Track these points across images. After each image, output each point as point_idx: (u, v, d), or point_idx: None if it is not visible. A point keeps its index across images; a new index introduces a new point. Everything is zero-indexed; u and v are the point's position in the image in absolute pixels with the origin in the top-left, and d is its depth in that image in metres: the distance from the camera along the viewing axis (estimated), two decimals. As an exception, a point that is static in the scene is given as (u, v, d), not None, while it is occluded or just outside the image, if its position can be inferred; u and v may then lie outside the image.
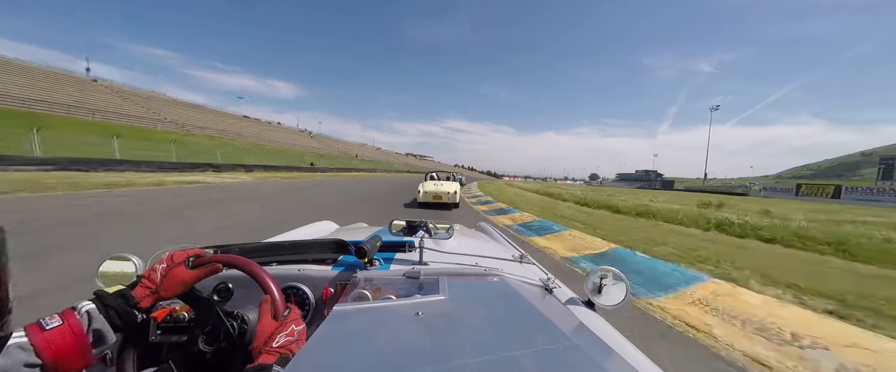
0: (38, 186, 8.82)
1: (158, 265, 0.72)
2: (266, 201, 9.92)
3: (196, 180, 14.60)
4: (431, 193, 10.22)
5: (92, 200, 7.80)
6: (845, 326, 2.63)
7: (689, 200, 15.78)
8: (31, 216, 5.56)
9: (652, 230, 7.20)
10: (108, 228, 5.32)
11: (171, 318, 0.81)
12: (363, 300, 0.77)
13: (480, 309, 0.76)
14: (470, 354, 0.54)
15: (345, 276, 1.01)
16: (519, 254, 1.47)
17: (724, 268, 4.16)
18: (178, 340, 0.79)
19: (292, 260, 1.08)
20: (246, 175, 21.74)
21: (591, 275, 1.02)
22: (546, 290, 1.04)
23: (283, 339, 0.61)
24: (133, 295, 0.67)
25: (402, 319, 0.67)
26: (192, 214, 6.99)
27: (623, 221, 8.79)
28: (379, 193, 14.67)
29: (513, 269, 1.14)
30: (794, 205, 18.46)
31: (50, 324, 0.55)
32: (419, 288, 0.85)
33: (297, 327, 0.65)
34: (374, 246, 1.06)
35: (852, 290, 3.37)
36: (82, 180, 10.80)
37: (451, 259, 1.16)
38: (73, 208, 6.64)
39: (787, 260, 4.93)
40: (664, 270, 4.06)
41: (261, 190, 13.17)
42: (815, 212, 12.50)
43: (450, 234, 1.40)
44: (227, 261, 0.76)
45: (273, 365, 0.56)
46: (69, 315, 0.58)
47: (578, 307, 0.98)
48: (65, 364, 0.54)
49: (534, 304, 0.79)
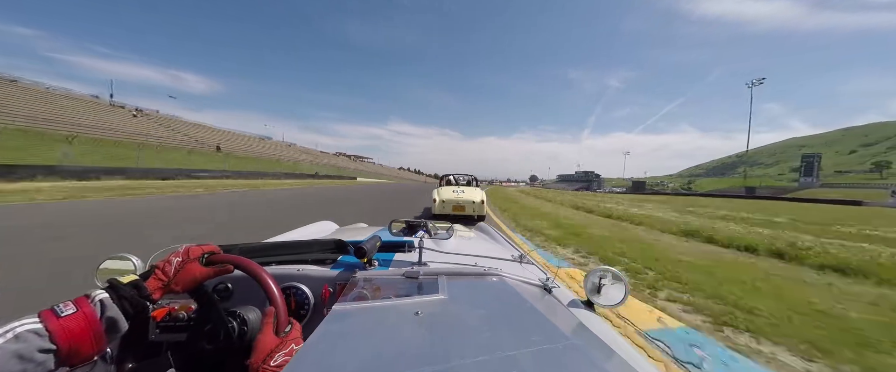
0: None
1: (174, 258, 0.73)
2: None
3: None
4: (450, 202, 8.17)
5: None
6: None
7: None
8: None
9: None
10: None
11: (170, 317, 0.84)
12: (362, 300, 0.77)
13: (480, 309, 0.75)
14: (469, 353, 0.54)
15: (344, 276, 1.01)
16: (518, 254, 1.46)
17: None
18: (177, 339, 0.80)
19: (292, 260, 1.08)
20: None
21: (591, 275, 1.03)
22: (545, 290, 1.04)
23: (281, 358, 0.61)
24: (146, 286, 0.67)
25: (402, 319, 0.66)
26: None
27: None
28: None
29: (512, 269, 1.14)
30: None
31: (64, 311, 0.56)
32: (418, 288, 0.84)
33: (297, 347, 0.65)
34: (373, 246, 1.05)
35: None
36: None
37: (451, 259, 1.16)
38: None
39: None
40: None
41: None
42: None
43: (449, 234, 1.43)
44: (239, 264, 0.76)
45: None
46: (83, 303, 0.58)
47: (578, 307, 0.98)
48: (79, 350, 0.55)
49: (533, 303, 0.79)
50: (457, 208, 8.10)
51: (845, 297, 3.54)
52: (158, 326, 0.83)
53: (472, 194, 8.38)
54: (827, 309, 3.10)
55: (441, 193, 8.47)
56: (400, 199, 16.48)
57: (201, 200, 11.67)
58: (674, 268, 4.30)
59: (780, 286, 3.81)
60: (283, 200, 13.19)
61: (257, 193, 15.67)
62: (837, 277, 4.32)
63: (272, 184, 25.34)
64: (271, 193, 16.67)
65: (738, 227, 8.90)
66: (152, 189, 13.85)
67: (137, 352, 0.83)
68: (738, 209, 17.25)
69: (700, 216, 12.21)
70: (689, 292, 3.40)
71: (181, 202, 10.44)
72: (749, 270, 4.50)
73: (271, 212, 9.39)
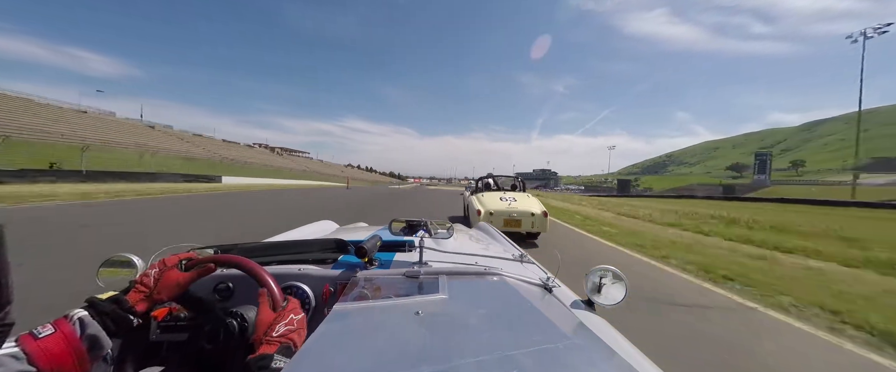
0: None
1: (151, 270, 0.73)
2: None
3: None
4: (501, 214, 5.94)
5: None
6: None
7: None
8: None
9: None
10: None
11: (171, 317, 0.82)
12: (363, 299, 0.76)
13: (480, 308, 0.74)
14: (469, 353, 0.53)
15: (345, 275, 1.00)
16: (519, 253, 1.45)
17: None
18: (178, 339, 0.79)
19: (292, 260, 1.07)
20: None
21: (591, 274, 1.03)
22: (546, 289, 1.04)
23: (283, 328, 0.61)
24: (127, 300, 0.67)
25: (402, 319, 0.66)
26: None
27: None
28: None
29: (513, 268, 1.13)
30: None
31: (42, 333, 0.55)
32: (419, 287, 0.84)
33: (297, 316, 0.65)
34: (373, 246, 1.05)
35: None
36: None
37: (451, 258, 1.15)
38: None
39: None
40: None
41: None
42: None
43: (450, 233, 1.40)
44: (219, 260, 0.77)
45: (274, 354, 0.56)
46: (62, 323, 0.58)
47: (578, 306, 0.98)
48: (61, 370, 0.54)
49: (533, 303, 0.78)
50: (510, 223, 5.91)
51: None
52: (159, 326, 0.82)
53: (528, 204, 6.30)
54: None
55: (486, 202, 6.37)
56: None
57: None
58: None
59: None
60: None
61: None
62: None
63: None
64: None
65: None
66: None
67: (137, 352, 0.82)
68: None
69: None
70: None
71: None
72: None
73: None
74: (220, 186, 27.24)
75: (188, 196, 15.26)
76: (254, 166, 54.33)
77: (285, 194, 20.05)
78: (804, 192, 60.31)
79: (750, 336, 2.76)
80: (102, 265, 0.94)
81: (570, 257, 5.09)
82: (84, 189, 14.31)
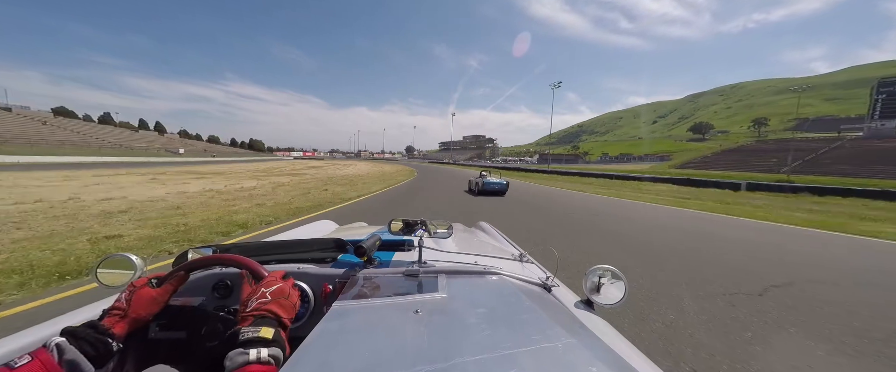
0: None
1: (123, 295, 0.73)
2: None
3: None
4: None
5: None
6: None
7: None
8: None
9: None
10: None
11: (169, 314, 0.83)
12: (362, 298, 0.76)
13: (479, 307, 0.74)
14: (469, 351, 0.53)
15: (344, 274, 1.00)
16: (518, 253, 1.45)
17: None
18: (176, 338, 0.79)
19: (292, 259, 1.07)
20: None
21: (590, 274, 1.03)
22: (545, 288, 1.04)
23: (256, 302, 0.63)
24: (103, 324, 0.67)
25: (401, 317, 0.66)
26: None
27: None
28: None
29: (512, 267, 1.14)
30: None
31: (19, 362, 0.56)
32: (418, 286, 0.84)
33: (269, 289, 0.66)
34: (373, 245, 1.05)
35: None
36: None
37: (451, 258, 1.15)
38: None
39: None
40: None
41: None
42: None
43: (449, 233, 1.38)
44: (189, 266, 0.77)
45: (241, 329, 0.57)
46: (39, 352, 0.58)
47: (578, 306, 0.98)
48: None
49: (532, 302, 0.79)
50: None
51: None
52: (158, 325, 0.82)
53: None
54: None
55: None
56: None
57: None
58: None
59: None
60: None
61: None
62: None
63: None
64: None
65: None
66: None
67: (137, 351, 0.81)
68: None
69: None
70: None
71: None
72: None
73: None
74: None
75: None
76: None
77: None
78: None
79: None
80: (100, 265, 0.94)
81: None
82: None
